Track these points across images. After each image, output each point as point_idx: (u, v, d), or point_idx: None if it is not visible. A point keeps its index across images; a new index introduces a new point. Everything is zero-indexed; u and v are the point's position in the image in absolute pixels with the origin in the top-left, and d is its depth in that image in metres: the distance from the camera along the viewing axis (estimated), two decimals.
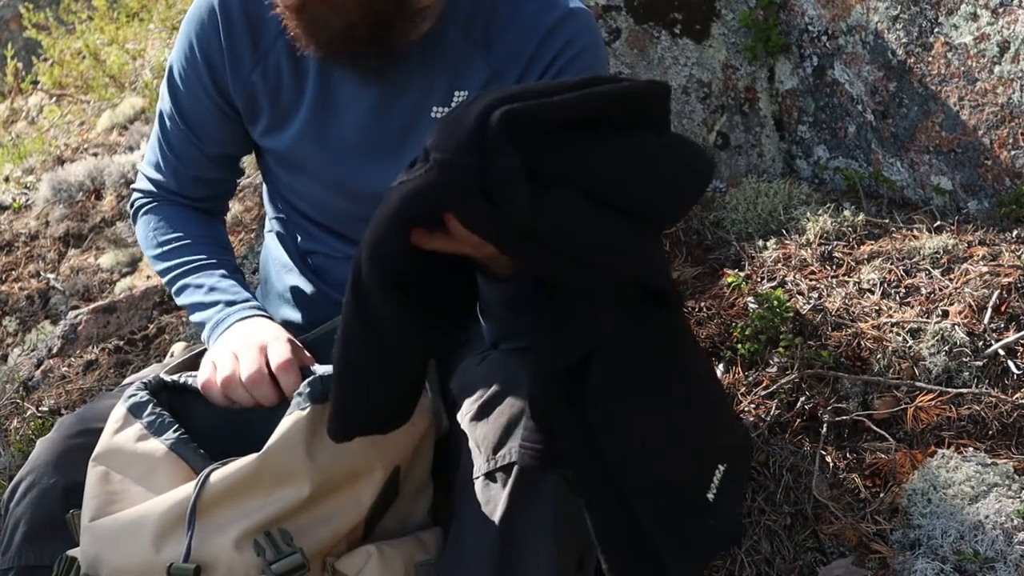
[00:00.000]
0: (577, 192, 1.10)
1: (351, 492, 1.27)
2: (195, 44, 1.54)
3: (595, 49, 1.49)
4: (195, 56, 1.54)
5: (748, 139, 2.49)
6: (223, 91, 1.55)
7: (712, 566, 1.71)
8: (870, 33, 2.23)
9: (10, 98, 5.40)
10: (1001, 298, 1.88)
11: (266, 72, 1.51)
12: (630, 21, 2.42)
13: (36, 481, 1.39)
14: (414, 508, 1.37)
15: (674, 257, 2.26)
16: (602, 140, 1.11)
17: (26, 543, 1.36)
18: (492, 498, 1.28)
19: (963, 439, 1.72)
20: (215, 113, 1.57)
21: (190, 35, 1.55)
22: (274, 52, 1.50)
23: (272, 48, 1.50)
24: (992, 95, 2.06)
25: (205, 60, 1.53)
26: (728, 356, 1.93)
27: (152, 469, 1.28)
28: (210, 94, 1.55)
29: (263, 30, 1.50)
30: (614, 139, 1.12)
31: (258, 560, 1.19)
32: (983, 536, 1.56)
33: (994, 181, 2.10)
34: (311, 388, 1.26)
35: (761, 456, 1.77)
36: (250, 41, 1.50)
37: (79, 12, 5.01)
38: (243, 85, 1.52)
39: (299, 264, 1.65)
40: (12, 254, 3.50)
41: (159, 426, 1.31)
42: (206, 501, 1.21)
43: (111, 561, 1.22)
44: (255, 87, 1.52)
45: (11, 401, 2.60)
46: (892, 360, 1.83)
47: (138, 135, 4.05)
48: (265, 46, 1.50)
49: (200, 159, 1.62)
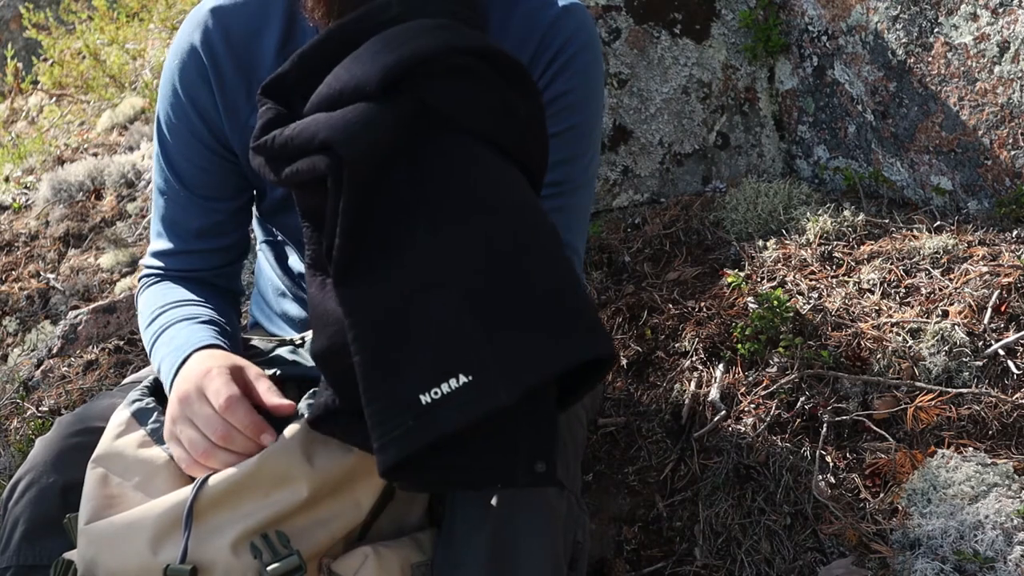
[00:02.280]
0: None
1: (350, 495, 1.27)
2: (180, 91, 1.44)
3: (593, 46, 1.47)
4: (182, 104, 1.44)
5: (748, 139, 2.49)
6: (218, 137, 1.45)
7: (712, 566, 1.71)
8: (870, 33, 2.23)
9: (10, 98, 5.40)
10: (1001, 298, 1.87)
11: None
12: (630, 21, 2.42)
13: (35, 480, 1.38)
14: (410, 509, 1.37)
15: (674, 257, 2.26)
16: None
17: (24, 542, 1.36)
18: (484, 498, 1.28)
19: (963, 439, 1.72)
20: (214, 162, 1.47)
21: (174, 81, 1.45)
22: None
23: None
24: (992, 95, 2.06)
25: (194, 106, 1.44)
26: (728, 356, 1.93)
27: (152, 476, 1.27)
28: (205, 142, 1.46)
29: (255, 69, 1.42)
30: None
31: (255, 562, 1.19)
32: (983, 536, 1.56)
33: (994, 181, 2.10)
34: (310, 400, 1.26)
35: (761, 456, 1.77)
36: (243, 85, 1.42)
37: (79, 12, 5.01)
38: (241, 131, 1.43)
39: (291, 289, 1.63)
40: (12, 254, 3.50)
41: (163, 434, 1.31)
42: (203, 503, 1.20)
43: (108, 563, 1.21)
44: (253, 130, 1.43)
45: (11, 401, 2.61)
46: (892, 360, 1.83)
47: (138, 135, 4.05)
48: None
49: (207, 225, 1.50)
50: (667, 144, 2.45)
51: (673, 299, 2.11)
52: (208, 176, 1.48)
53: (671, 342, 2.02)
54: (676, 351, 2.00)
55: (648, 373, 2.01)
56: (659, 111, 2.44)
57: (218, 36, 1.43)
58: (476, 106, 1.16)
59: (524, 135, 1.20)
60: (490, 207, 1.14)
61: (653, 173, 2.47)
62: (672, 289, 2.14)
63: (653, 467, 1.87)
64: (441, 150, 1.15)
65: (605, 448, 1.94)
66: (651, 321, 2.08)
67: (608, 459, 1.92)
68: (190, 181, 1.48)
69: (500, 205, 1.15)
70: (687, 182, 2.48)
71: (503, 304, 1.11)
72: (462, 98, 1.15)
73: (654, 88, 2.43)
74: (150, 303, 1.50)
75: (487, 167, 1.16)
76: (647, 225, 2.38)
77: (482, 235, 1.12)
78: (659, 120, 2.44)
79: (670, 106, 2.44)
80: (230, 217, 1.53)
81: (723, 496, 1.76)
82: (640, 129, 2.44)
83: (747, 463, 1.78)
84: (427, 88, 1.13)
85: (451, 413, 1.08)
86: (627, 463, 1.90)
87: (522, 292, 1.11)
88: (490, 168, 1.16)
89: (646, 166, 2.47)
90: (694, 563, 1.72)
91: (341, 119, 1.12)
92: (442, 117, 1.14)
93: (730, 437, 1.81)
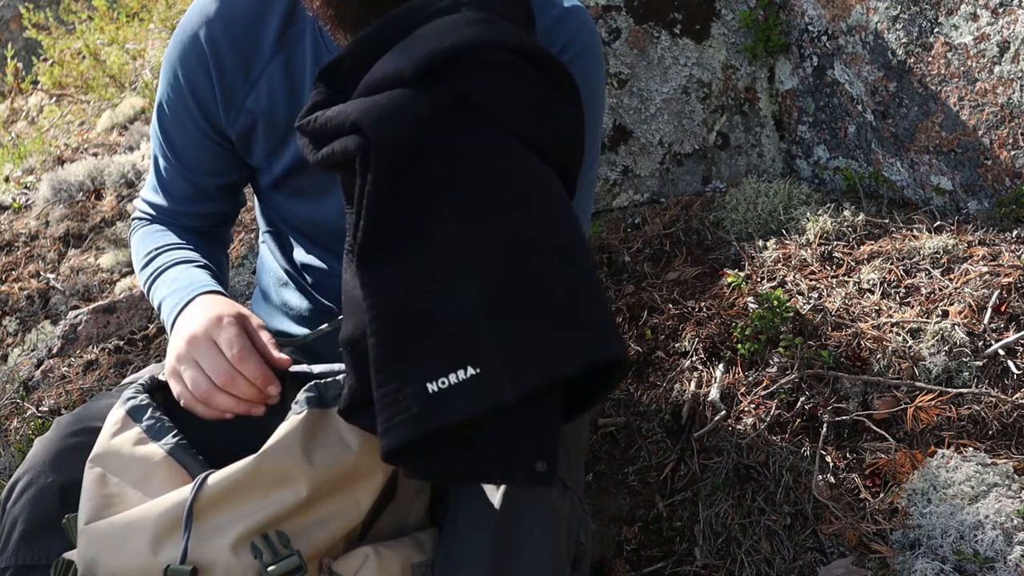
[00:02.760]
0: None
1: (350, 494, 1.27)
2: (180, 76, 1.49)
3: (594, 47, 1.47)
4: (181, 88, 1.49)
5: (748, 139, 2.49)
6: (214, 124, 1.50)
7: (712, 566, 1.71)
8: (870, 33, 2.23)
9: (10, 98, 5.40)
10: (1001, 298, 1.87)
11: (259, 97, 1.46)
12: (630, 21, 2.42)
13: (33, 480, 1.38)
14: (411, 509, 1.37)
15: (674, 257, 2.26)
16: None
17: (23, 542, 1.36)
18: (487, 499, 1.28)
19: (963, 439, 1.72)
20: (207, 144, 1.52)
21: (175, 66, 1.49)
22: (267, 75, 1.45)
23: (265, 71, 1.45)
24: (992, 95, 2.06)
25: (192, 94, 1.48)
26: (728, 356, 1.93)
27: (149, 473, 1.27)
28: (200, 127, 1.51)
29: (254, 53, 1.45)
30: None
31: (255, 562, 1.19)
32: (983, 536, 1.56)
33: (994, 181, 2.10)
34: (308, 393, 1.26)
35: (761, 456, 1.77)
36: (241, 70, 1.46)
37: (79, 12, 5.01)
38: (237, 114, 1.48)
39: (295, 280, 1.63)
40: (12, 254, 3.50)
41: (158, 430, 1.30)
42: (203, 503, 1.20)
43: (108, 563, 1.21)
44: (249, 114, 1.48)
45: (11, 401, 2.61)
46: (892, 360, 1.83)
47: (138, 135, 4.05)
48: (257, 70, 1.46)
49: (197, 194, 1.57)
50: (667, 144, 2.45)
51: (673, 299, 2.11)
52: (199, 152, 1.54)
53: (671, 342, 2.02)
54: (676, 351, 2.00)
55: (648, 373, 2.01)
56: (659, 111, 2.43)
57: (220, 26, 1.45)
58: (514, 102, 1.17)
59: (560, 135, 1.21)
60: (519, 202, 1.15)
61: (653, 173, 2.47)
62: (672, 289, 2.14)
63: (653, 467, 1.87)
64: (475, 142, 1.16)
65: (605, 448, 1.94)
66: (651, 321, 2.08)
67: (608, 459, 1.92)
68: (182, 153, 1.55)
69: (529, 201, 1.16)
70: (687, 182, 2.48)
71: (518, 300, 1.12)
72: (500, 93, 1.16)
73: (654, 88, 2.43)
74: (145, 242, 1.57)
75: (520, 162, 1.17)
76: (647, 225, 2.38)
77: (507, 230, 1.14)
78: (659, 120, 2.44)
79: (670, 106, 2.44)
80: (219, 191, 1.59)
81: (723, 496, 1.76)
82: (640, 129, 2.44)
83: (747, 463, 1.78)
84: (466, 80, 1.15)
85: (457, 404, 1.09)
86: (627, 463, 1.90)
87: (538, 290, 1.13)
88: (523, 164, 1.17)
89: (646, 166, 2.47)
90: (694, 563, 1.72)
91: (373, 103, 1.13)
92: (479, 110, 1.16)
93: (730, 437, 1.81)
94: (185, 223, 1.61)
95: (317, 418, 1.25)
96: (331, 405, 1.27)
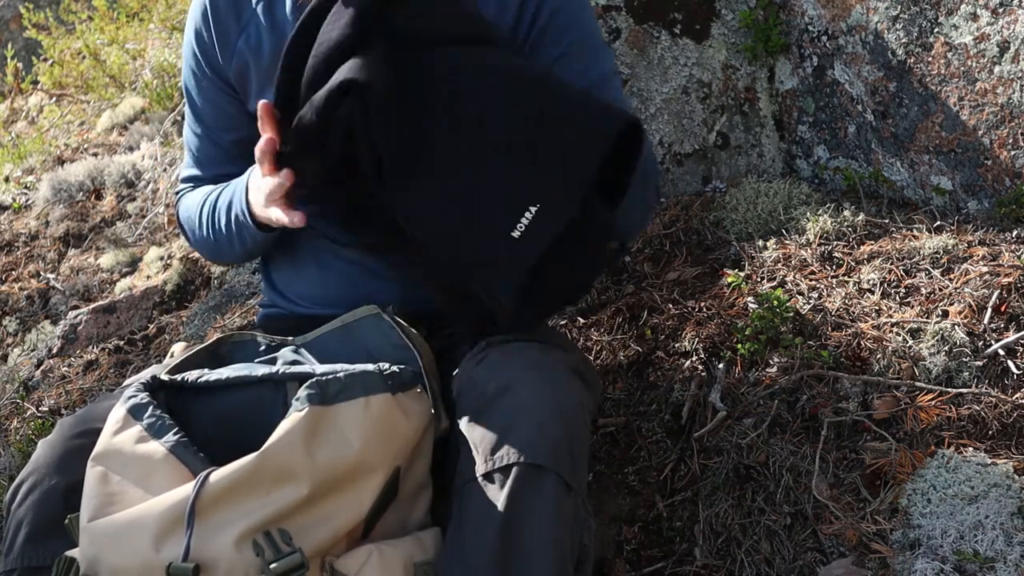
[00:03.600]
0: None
1: (351, 492, 1.27)
2: (192, 41, 1.71)
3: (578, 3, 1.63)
4: (192, 51, 1.71)
5: (748, 139, 2.49)
6: (218, 72, 1.69)
7: (712, 566, 1.71)
8: (870, 33, 2.23)
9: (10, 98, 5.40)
10: (1001, 298, 1.87)
11: (248, 37, 1.65)
12: (630, 21, 2.42)
13: (38, 482, 1.39)
14: (413, 508, 1.37)
15: (674, 257, 2.26)
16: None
17: (28, 544, 1.37)
18: (491, 499, 1.28)
19: (963, 439, 1.72)
20: (220, 97, 1.71)
21: (189, 37, 1.72)
22: (255, 17, 1.64)
23: (253, 14, 1.65)
24: (992, 95, 2.06)
25: (198, 44, 1.69)
26: (728, 356, 1.93)
27: (151, 471, 1.28)
28: (208, 77, 1.70)
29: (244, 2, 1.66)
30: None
31: (257, 560, 1.19)
32: (983, 536, 1.56)
33: (994, 181, 2.10)
34: (309, 390, 1.27)
35: (761, 456, 1.77)
36: (234, 15, 1.66)
37: (79, 12, 5.01)
38: (231, 55, 1.67)
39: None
40: (12, 254, 3.50)
41: (159, 428, 1.31)
42: (205, 500, 1.21)
43: (110, 561, 1.22)
44: (242, 54, 1.66)
45: (11, 401, 2.61)
46: (892, 360, 1.83)
47: (138, 135, 4.05)
48: (247, 15, 1.66)
49: (220, 154, 1.73)
50: (667, 144, 2.46)
51: (673, 299, 2.11)
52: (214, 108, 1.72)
53: (671, 342, 2.02)
54: (676, 351, 2.00)
55: (648, 373, 2.01)
56: (659, 111, 2.44)
57: None
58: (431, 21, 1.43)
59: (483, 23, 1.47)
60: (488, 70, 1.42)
61: None
62: (672, 289, 2.15)
63: (653, 467, 1.87)
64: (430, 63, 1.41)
65: (605, 448, 1.94)
66: (651, 321, 2.08)
67: (608, 459, 1.92)
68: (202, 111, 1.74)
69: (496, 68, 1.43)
70: (687, 182, 2.49)
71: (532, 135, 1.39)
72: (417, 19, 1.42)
73: (654, 88, 2.43)
74: (196, 198, 1.75)
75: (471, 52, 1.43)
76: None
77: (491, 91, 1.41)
78: (659, 120, 2.44)
79: (670, 106, 2.44)
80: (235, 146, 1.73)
81: (723, 496, 1.77)
82: None
83: (747, 463, 1.78)
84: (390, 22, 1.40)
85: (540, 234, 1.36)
86: (627, 463, 1.90)
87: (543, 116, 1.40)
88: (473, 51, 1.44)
89: None
90: (694, 563, 1.72)
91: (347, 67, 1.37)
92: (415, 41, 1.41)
93: (730, 437, 1.81)
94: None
95: (318, 415, 1.25)
96: (332, 402, 1.27)
